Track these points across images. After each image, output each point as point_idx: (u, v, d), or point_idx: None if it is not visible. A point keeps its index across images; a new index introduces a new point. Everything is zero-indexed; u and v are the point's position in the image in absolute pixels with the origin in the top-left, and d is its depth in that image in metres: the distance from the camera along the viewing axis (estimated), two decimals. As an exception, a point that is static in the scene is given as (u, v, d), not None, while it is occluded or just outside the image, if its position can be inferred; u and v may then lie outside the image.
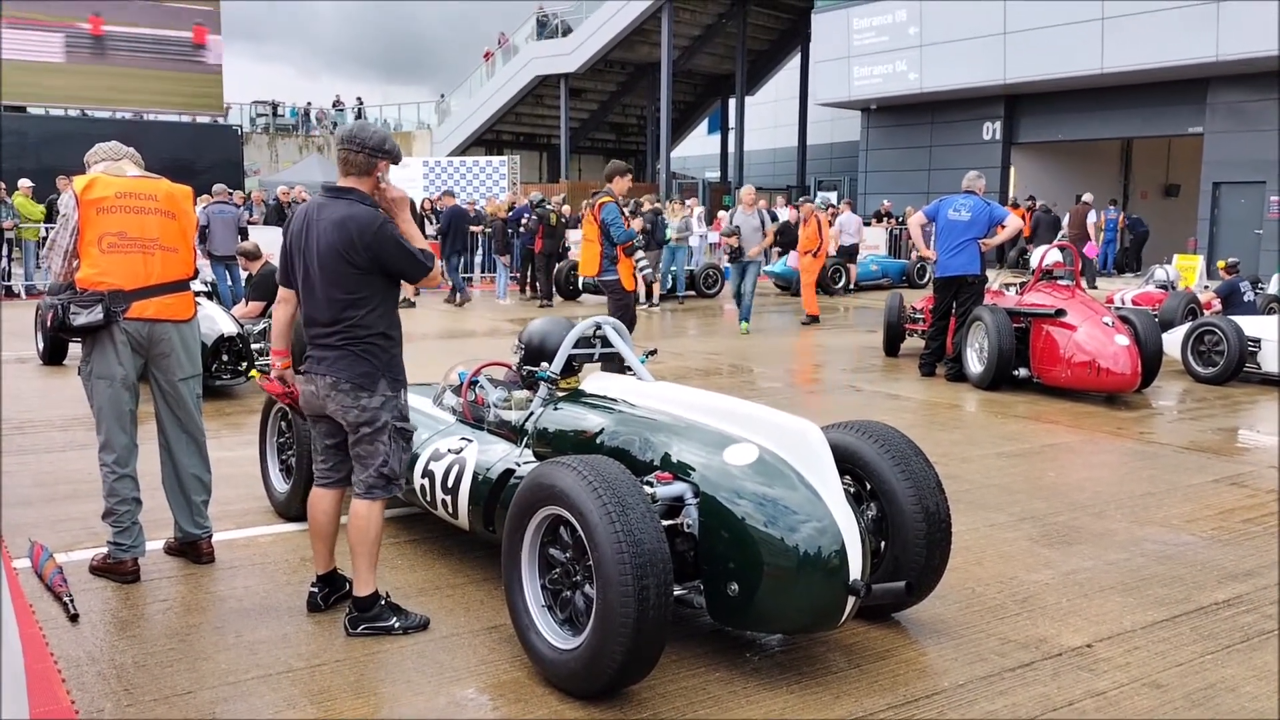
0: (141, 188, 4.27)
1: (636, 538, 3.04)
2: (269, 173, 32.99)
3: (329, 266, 3.68)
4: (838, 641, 3.73)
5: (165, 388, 4.33)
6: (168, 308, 4.24)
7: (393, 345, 3.81)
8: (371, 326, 3.73)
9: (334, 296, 3.69)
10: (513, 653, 3.57)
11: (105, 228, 4.11)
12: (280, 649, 3.63)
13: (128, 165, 4.40)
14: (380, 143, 3.77)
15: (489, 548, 4.44)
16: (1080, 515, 5.39)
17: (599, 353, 4.63)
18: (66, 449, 6.54)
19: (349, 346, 3.70)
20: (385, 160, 3.77)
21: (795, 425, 3.54)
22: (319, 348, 3.75)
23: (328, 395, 3.73)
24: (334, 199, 3.76)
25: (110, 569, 4.29)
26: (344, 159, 3.76)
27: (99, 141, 4.56)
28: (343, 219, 3.66)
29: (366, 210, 3.71)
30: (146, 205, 4.23)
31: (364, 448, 3.77)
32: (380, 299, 3.76)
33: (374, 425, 3.74)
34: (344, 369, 3.70)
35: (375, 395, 3.72)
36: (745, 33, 34.20)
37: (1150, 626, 3.94)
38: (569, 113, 35.50)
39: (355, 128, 3.79)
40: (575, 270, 17.95)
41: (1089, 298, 9.48)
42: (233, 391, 8.53)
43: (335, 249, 3.66)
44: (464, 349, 10.93)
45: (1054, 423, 7.79)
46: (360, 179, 3.76)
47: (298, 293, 3.83)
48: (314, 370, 3.75)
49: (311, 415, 3.89)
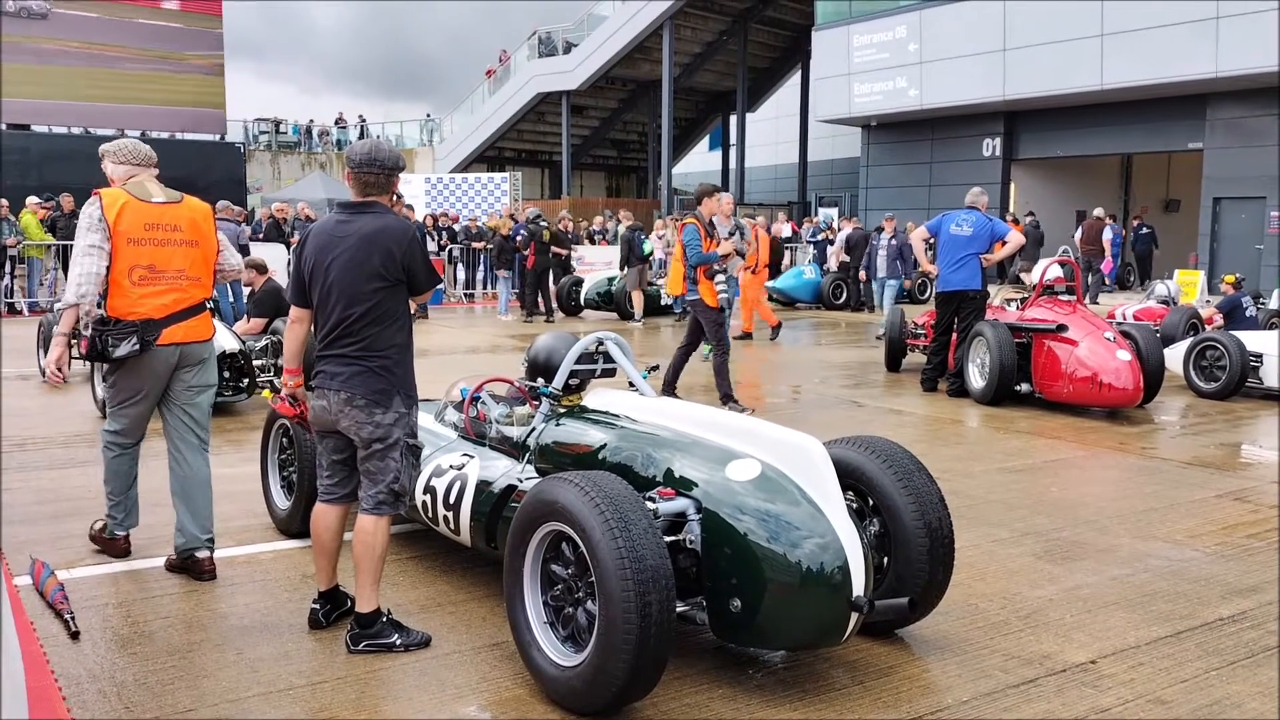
0: (167, 218, 4.44)
1: (639, 554, 3.04)
2: (271, 189, 33.07)
3: (354, 281, 3.69)
4: (841, 658, 3.72)
5: (183, 399, 4.55)
6: (193, 330, 4.51)
7: (407, 361, 3.83)
8: (389, 342, 3.74)
9: (355, 312, 3.69)
10: (515, 670, 3.56)
11: (136, 260, 4.33)
12: (281, 666, 3.62)
13: (150, 183, 4.50)
14: (396, 161, 3.86)
15: (491, 564, 4.44)
16: (1083, 531, 5.38)
17: (601, 368, 4.63)
18: (68, 466, 6.54)
19: (365, 362, 3.71)
20: (398, 176, 3.88)
21: (797, 440, 3.54)
22: (334, 363, 3.74)
23: (341, 411, 3.72)
24: (358, 214, 3.78)
25: (105, 544, 4.67)
26: (365, 181, 3.78)
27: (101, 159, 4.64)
28: (377, 230, 3.71)
29: (399, 220, 3.81)
30: (173, 237, 4.44)
31: (374, 463, 3.77)
32: (399, 313, 3.79)
33: (386, 441, 3.74)
34: (359, 385, 3.70)
35: (390, 411, 3.73)
36: (746, 50, 34.36)
37: (1154, 643, 3.93)
38: (570, 129, 35.61)
39: (370, 149, 3.81)
40: (577, 286, 18.13)
41: (1090, 313, 9.48)
42: (234, 408, 8.53)
43: (367, 261, 3.68)
44: (466, 365, 10.94)
45: (1056, 438, 7.78)
46: (381, 196, 3.83)
47: (314, 311, 3.84)
48: (327, 386, 3.75)
49: (319, 430, 3.89)
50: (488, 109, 36.37)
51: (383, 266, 3.68)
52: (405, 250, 3.72)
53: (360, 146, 3.83)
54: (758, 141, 38.79)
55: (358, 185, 3.79)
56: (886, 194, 27.71)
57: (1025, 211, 23.38)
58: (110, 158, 4.56)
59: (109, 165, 4.56)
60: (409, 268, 3.74)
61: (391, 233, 3.72)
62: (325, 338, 3.77)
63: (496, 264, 18.08)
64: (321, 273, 3.75)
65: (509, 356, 12.03)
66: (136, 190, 4.42)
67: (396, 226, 3.76)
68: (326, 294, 3.74)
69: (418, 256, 3.77)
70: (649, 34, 31.39)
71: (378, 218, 3.75)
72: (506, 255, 17.59)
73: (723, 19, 33.49)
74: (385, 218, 3.77)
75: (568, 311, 17.86)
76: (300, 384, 4.02)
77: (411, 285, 3.80)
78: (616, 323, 16.62)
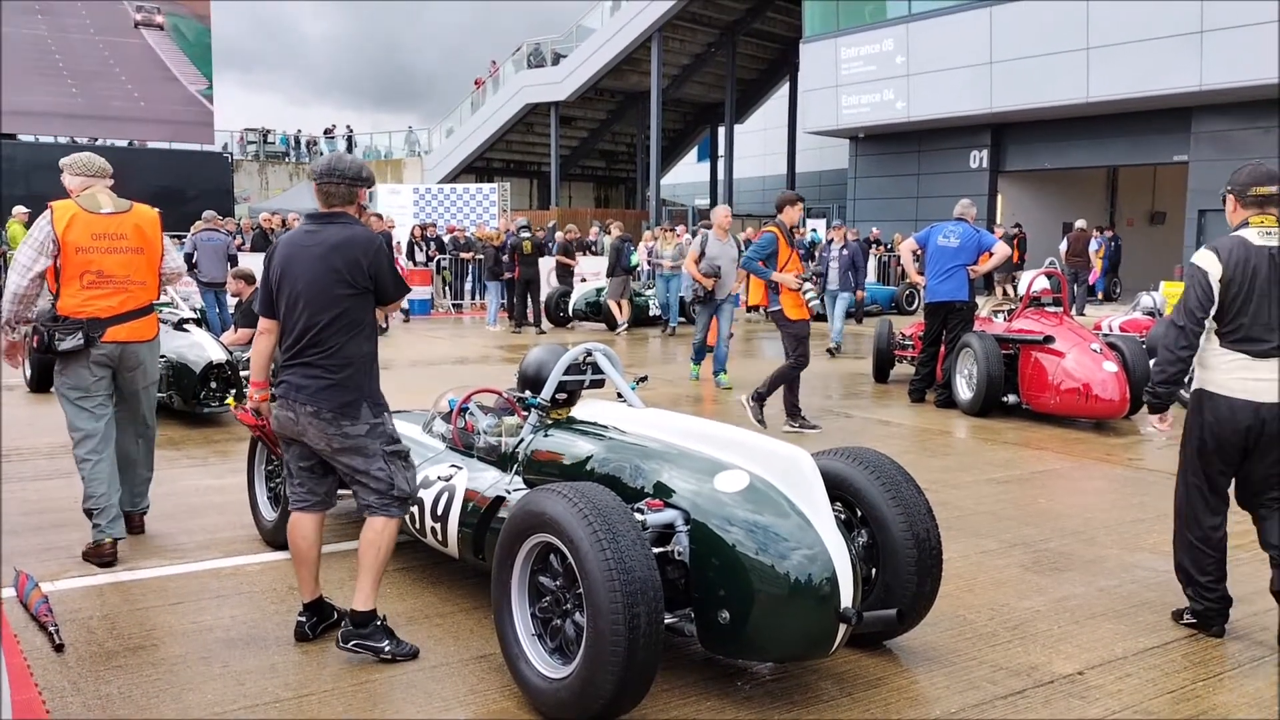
0: (113, 227, 4.84)
1: (627, 565, 3.03)
2: (259, 200, 33.03)
3: (321, 291, 3.70)
4: (829, 669, 3.71)
5: (127, 394, 5.03)
6: (136, 331, 4.94)
7: (373, 371, 3.84)
8: (355, 352, 3.75)
9: (321, 320, 3.71)
10: (502, 682, 3.55)
11: (85, 266, 4.76)
12: (267, 679, 3.59)
13: (101, 194, 4.88)
14: (358, 171, 3.87)
15: (478, 576, 4.42)
16: (1071, 542, 5.39)
17: (590, 379, 4.62)
18: (53, 477, 6.50)
19: (331, 374, 3.72)
20: (364, 188, 3.89)
21: (786, 452, 3.54)
22: (298, 374, 3.75)
23: (309, 423, 3.73)
24: (325, 224, 3.81)
25: (91, 553, 4.78)
26: (326, 192, 3.83)
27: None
28: (345, 240, 3.74)
29: (365, 230, 3.84)
30: (119, 245, 4.85)
31: (360, 476, 3.77)
32: (366, 324, 3.81)
33: (365, 454, 3.75)
34: (325, 398, 3.71)
35: (359, 423, 3.73)
36: (734, 62, 34.52)
37: (1142, 653, 3.94)
38: (559, 140, 35.66)
39: (331, 160, 3.88)
40: (564, 297, 18.14)
41: (1077, 324, 9.52)
42: (221, 419, 8.49)
43: (334, 271, 3.70)
44: (454, 376, 10.92)
45: (1043, 449, 7.81)
46: (345, 207, 3.85)
47: (280, 322, 3.85)
48: (292, 398, 3.75)
49: (284, 439, 3.89)
50: (476, 120, 36.42)
51: (349, 274, 3.71)
52: (372, 259, 3.75)
53: (323, 158, 3.92)
54: (746, 153, 38.93)
55: (321, 196, 3.85)
56: (874, 205, 27.85)
57: (1012, 224, 23.51)
58: (68, 170, 4.93)
59: (66, 177, 4.92)
60: (376, 276, 3.77)
61: (358, 242, 3.76)
62: (291, 347, 3.78)
63: (489, 274, 18.05)
64: (289, 282, 3.77)
65: (498, 367, 12.01)
66: (87, 202, 4.80)
67: (363, 236, 3.80)
68: (294, 303, 3.76)
69: (384, 265, 3.80)
70: (637, 46, 31.50)
71: (345, 228, 3.79)
72: (497, 266, 17.57)
73: (711, 31, 33.62)
74: (352, 228, 3.80)
75: (556, 322, 17.86)
76: (266, 398, 4.02)
77: (379, 294, 3.83)
78: (605, 333, 16.62)
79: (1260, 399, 3.94)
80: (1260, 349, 3.95)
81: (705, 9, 31.58)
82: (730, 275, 10.66)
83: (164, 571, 4.70)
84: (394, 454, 3.83)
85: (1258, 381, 3.95)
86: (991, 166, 25.42)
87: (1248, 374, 3.96)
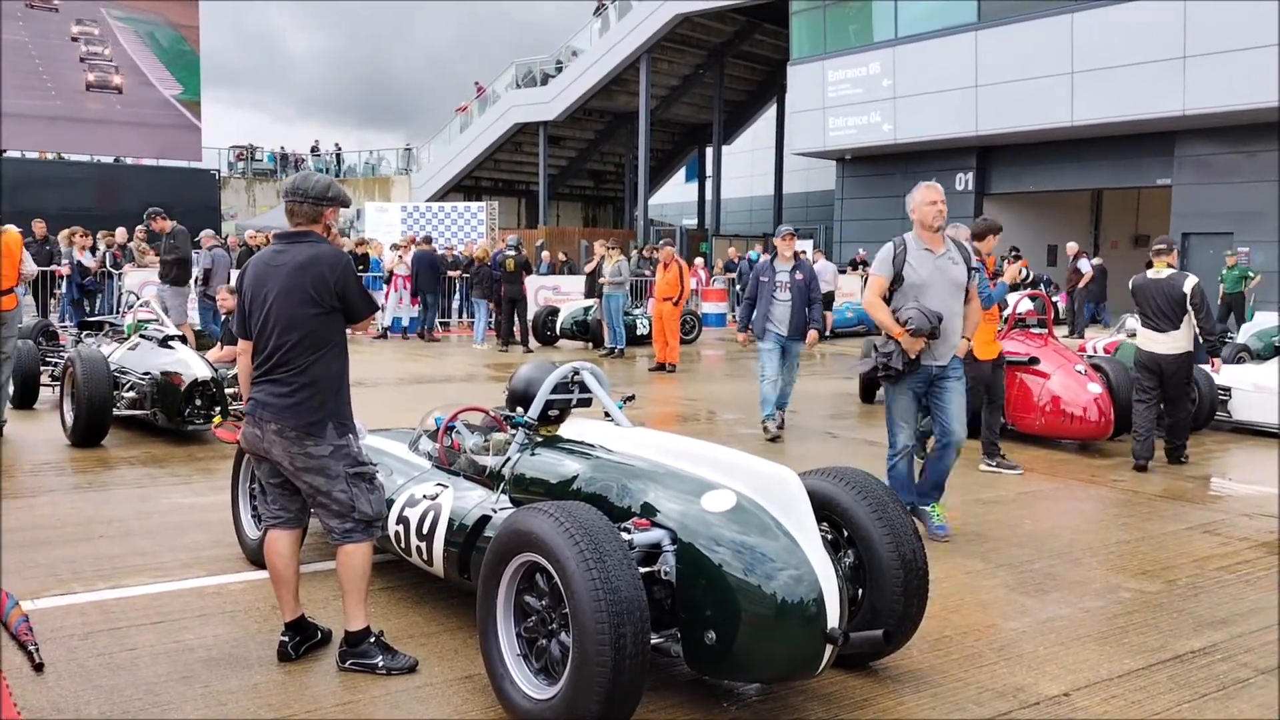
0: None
1: (613, 585, 3.02)
2: (245, 217, 32.98)
3: (289, 310, 3.72)
4: (815, 690, 3.70)
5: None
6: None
7: (341, 391, 3.84)
8: (322, 372, 3.76)
9: (290, 339, 3.72)
10: (487, 703, 3.52)
11: None
12: (249, 700, 3.56)
13: None
14: (324, 190, 3.87)
15: (464, 595, 4.40)
16: (1057, 563, 5.40)
17: (577, 398, 4.61)
18: (36, 494, 6.44)
19: (299, 393, 3.72)
20: (331, 207, 3.89)
21: (773, 472, 3.54)
22: (266, 391, 3.76)
23: (273, 441, 3.74)
24: (293, 243, 3.83)
25: None
26: (290, 210, 3.86)
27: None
28: (310, 259, 3.75)
29: (331, 249, 3.84)
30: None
31: (321, 497, 3.77)
32: (334, 343, 3.82)
33: (328, 475, 3.75)
34: (290, 416, 3.71)
35: (323, 443, 3.73)
36: (723, 83, 34.67)
37: (1127, 675, 3.94)
38: (548, 160, 35.73)
39: (298, 179, 3.90)
40: (553, 316, 18.12)
41: (1062, 346, 9.56)
42: (205, 436, 8.44)
43: (301, 289, 3.71)
44: (441, 394, 10.89)
45: (1028, 470, 7.82)
46: (311, 225, 3.86)
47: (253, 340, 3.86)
48: (259, 415, 3.76)
49: (254, 455, 3.89)
50: (465, 138, 36.48)
51: (316, 293, 3.72)
52: (339, 278, 3.76)
53: (290, 177, 3.96)
54: (734, 173, 39.06)
55: (287, 214, 3.87)
56: (861, 226, 27.96)
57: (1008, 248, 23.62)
58: None
59: None
60: (343, 295, 3.77)
61: (325, 260, 3.76)
62: (261, 365, 3.79)
63: (475, 293, 18.04)
64: (259, 301, 3.79)
65: (485, 386, 11.98)
66: None
67: (330, 254, 3.80)
68: (264, 322, 3.77)
69: (352, 284, 3.81)
70: (626, 67, 31.62)
71: (312, 246, 3.80)
72: (485, 284, 17.55)
73: (699, 53, 33.80)
74: (319, 246, 3.81)
75: (544, 341, 17.85)
76: None
77: (348, 313, 3.84)
78: (592, 352, 16.60)
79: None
80: None
81: (694, 31, 31.74)
82: (955, 321, 5.93)
83: (146, 590, 4.66)
84: (358, 475, 3.82)
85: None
86: (977, 189, 25.57)
87: None
